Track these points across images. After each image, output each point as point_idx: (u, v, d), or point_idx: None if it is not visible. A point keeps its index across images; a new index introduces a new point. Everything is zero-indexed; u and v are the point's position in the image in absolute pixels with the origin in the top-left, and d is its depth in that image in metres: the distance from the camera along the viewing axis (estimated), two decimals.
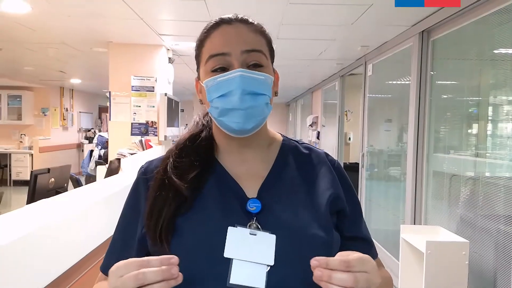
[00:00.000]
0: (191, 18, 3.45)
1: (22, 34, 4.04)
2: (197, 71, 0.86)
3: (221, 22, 0.80)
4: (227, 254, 0.71)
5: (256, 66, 0.78)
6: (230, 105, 0.76)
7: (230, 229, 0.73)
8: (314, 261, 0.62)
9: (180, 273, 0.61)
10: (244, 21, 0.81)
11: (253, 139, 0.82)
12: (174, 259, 0.61)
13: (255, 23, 0.82)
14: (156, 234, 0.74)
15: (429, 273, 2.35)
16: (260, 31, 0.82)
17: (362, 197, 4.93)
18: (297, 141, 0.91)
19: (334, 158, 0.90)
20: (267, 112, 0.80)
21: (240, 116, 0.76)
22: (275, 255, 0.71)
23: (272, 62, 0.85)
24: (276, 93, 0.86)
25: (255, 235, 0.73)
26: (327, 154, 0.90)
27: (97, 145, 7.61)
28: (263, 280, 0.70)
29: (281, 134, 0.92)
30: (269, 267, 0.71)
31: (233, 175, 0.81)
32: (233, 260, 0.71)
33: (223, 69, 0.77)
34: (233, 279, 0.69)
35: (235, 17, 0.81)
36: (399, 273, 2.74)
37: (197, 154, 0.82)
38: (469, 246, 2.37)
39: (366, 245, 0.85)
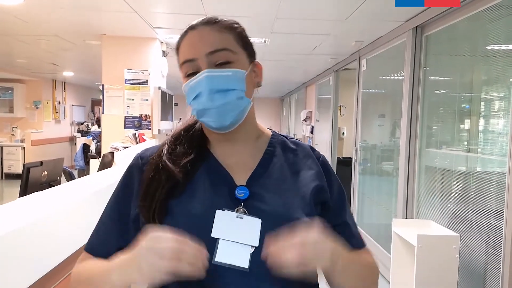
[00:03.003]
0: (185, 11, 3.43)
1: (14, 26, 3.99)
2: None
3: (188, 29, 0.84)
4: (214, 234, 0.75)
5: (224, 64, 0.80)
6: (202, 106, 0.80)
7: (218, 212, 0.77)
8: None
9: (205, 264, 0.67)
10: (209, 23, 0.83)
11: (240, 133, 0.86)
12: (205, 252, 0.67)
13: (222, 20, 0.84)
14: (149, 214, 0.77)
15: (420, 266, 2.37)
16: (226, 27, 0.83)
17: (355, 191, 4.96)
18: (285, 136, 0.94)
19: (320, 152, 0.94)
20: (244, 105, 0.82)
21: (213, 114, 0.80)
22: (260, 238, 0.75)
23: (249, 53, 0.86)
24: (258, 84, 0.88)
25: (242, 218, 0.77)
26: (313, 149, 0.94)
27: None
28: (247, 260, 0.74)
29: (271, 130, 0.95)
30: (253, 248, 0.75)
31: (224, 165, 0.85)
32: (220, 240, 0.75)
33: (195, 73, 0.81)
34: (218, 258, 0.73)
35: (201, 20, 0.84)
36: (390, 266, 2.77)
37: (191, 143, 0.87)
38: (460, 240, 2.40)
39: (346, 230, 0.88)
